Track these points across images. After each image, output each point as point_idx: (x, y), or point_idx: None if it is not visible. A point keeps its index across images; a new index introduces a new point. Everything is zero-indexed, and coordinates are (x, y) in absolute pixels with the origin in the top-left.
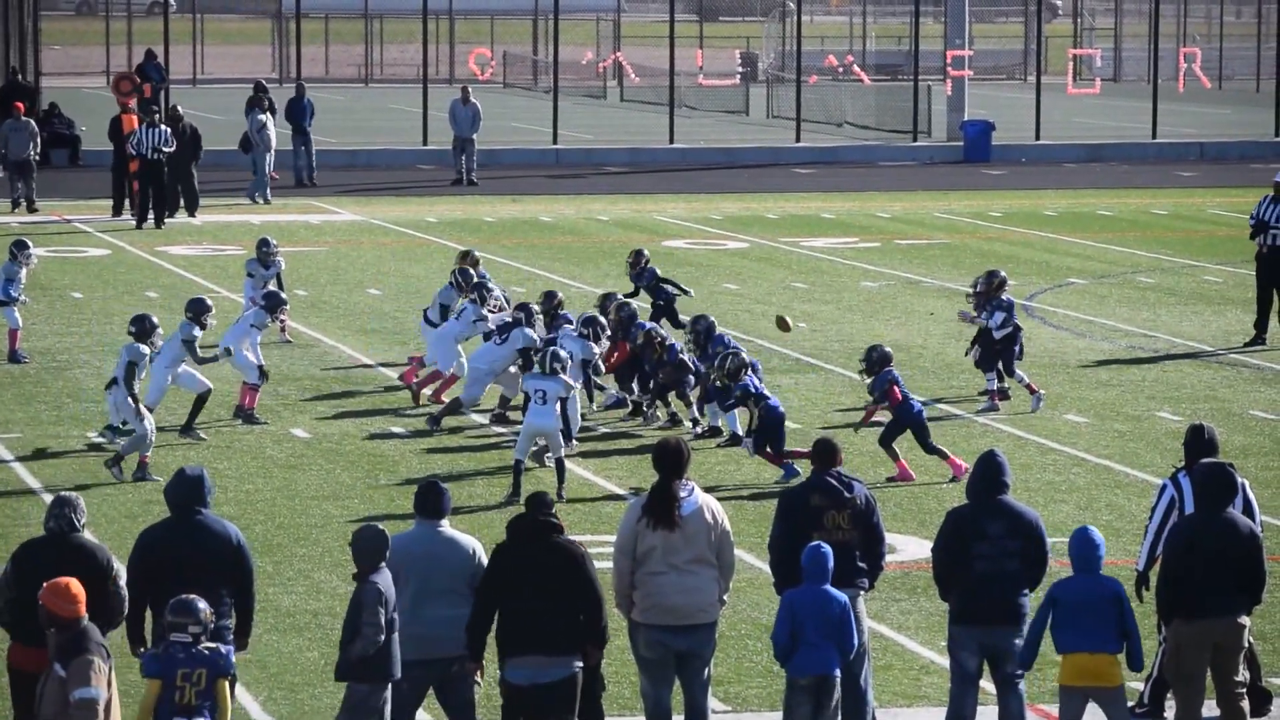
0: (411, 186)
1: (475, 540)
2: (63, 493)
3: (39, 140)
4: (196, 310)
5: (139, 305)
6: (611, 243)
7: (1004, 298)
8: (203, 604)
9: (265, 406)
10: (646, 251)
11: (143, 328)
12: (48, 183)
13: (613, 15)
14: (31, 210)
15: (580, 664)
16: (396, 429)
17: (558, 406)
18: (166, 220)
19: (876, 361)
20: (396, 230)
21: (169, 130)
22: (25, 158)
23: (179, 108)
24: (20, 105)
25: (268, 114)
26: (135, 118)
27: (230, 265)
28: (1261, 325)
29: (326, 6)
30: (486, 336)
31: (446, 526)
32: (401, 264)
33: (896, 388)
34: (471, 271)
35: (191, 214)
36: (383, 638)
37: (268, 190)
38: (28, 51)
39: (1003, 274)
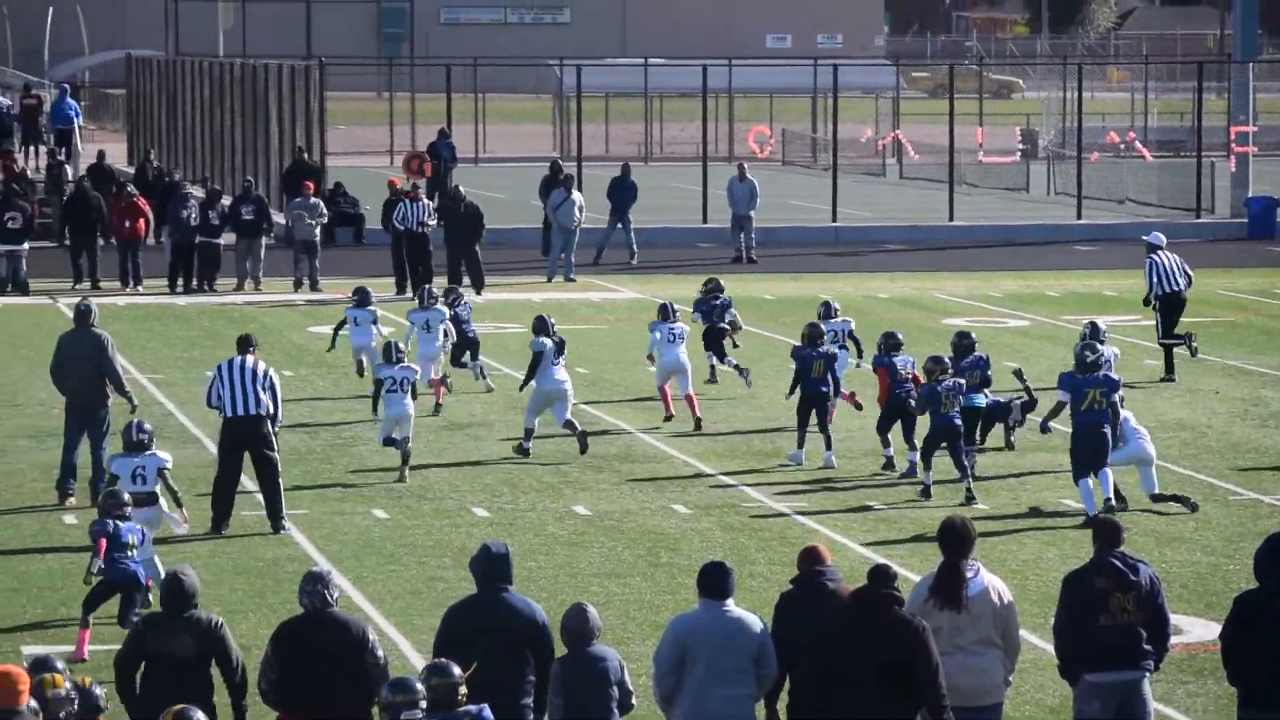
0: (691, 264)
1: (761, 619)
2: (313, 569)
3: (325, 221)
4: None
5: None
6: (891, 321)
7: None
8: (418, 685)
9: (547, 484)
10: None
11: (543, 325)
12: (333, 261)
13: (891, 93)
14: (315, 290)
15: None
16: (678, 506)
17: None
18: None
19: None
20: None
21: (431, 204)
22: (311, 238)
23: (460, 187)
24: (310, 185)
25: (576, 192)
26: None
27: (511, 342)
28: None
29: (607, 85)
30: None
31: (732, 606)
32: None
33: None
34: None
35: (478, 292)
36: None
37: (571, 270)
38: (313, 131)
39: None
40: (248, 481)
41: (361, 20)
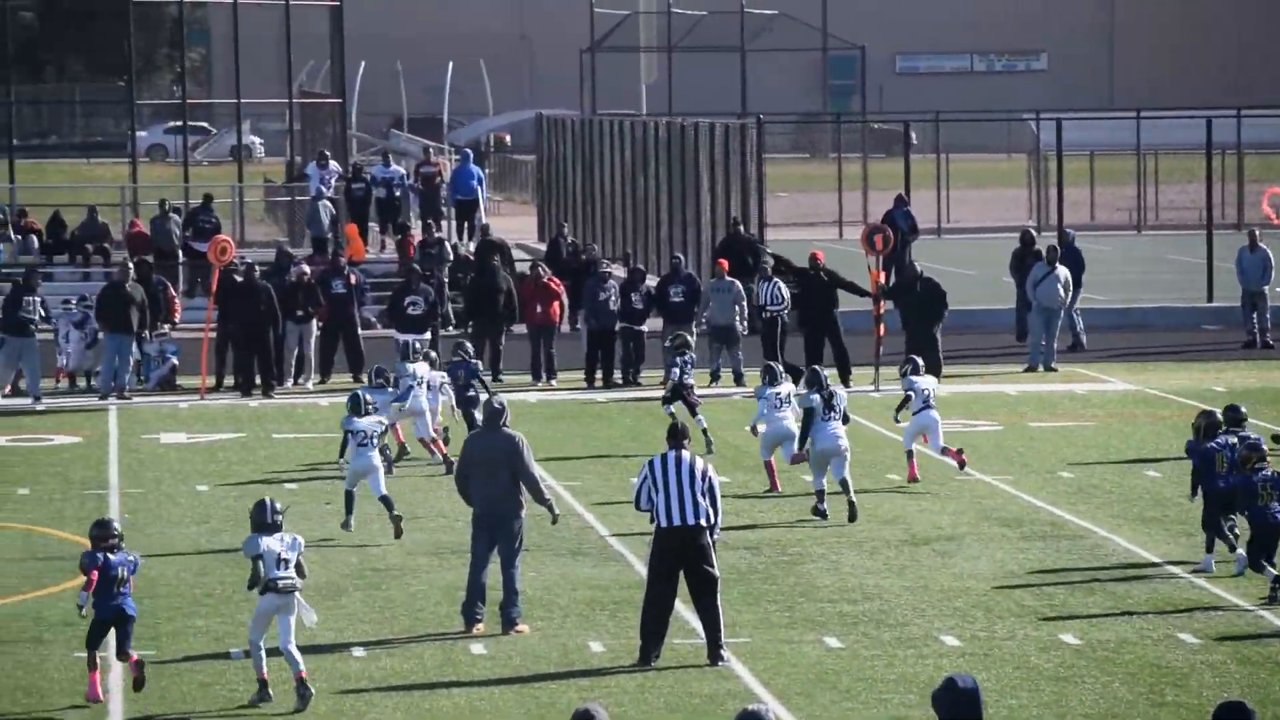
0: (1193, 350)
1: None
2: (751, 706)
3: (745, 305)
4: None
5: (886, 489)
6: None
7: None
8: None
9: (1028, 607)
10: None
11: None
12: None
13: None
14: (738, 383)
15: None
16: (1185, 635)
17: None
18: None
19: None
20: (1177, 401)
21: (782, 285)
22: (729, 323)
23: (917, 264)
24: (724, 263)
25: (1061, 267)
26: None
27: (982, 444)
28: None
29: (1092, 142)
30: None
31: None
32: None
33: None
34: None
35: (937, 380)
36: None
37: (1038, 359)
38: (750, 199)
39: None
40: (680, 605)
41: (805, 71)
